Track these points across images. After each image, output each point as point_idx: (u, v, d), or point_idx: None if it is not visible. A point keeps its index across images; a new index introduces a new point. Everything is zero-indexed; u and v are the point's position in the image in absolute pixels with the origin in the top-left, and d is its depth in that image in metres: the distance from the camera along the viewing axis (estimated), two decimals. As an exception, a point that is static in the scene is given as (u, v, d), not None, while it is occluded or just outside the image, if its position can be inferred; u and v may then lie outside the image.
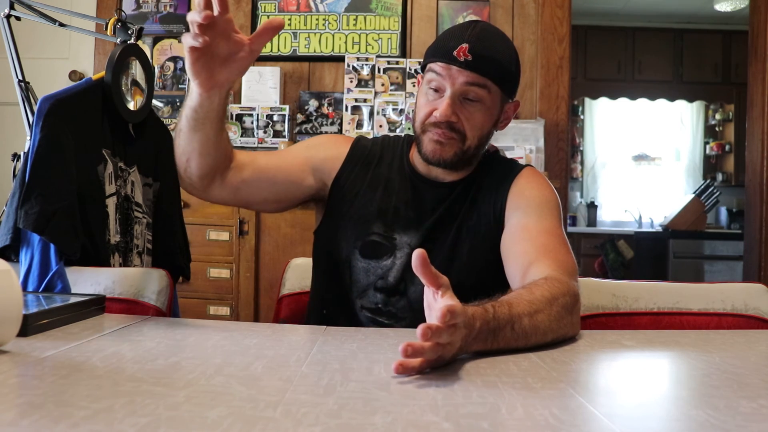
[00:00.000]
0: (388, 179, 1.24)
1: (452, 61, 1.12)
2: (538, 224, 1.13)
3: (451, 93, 1.13)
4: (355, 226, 1.21)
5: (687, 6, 5.47)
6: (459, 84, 1.13)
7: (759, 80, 3.43)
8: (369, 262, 1.19)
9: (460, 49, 1.12)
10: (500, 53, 1.15)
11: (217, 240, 2.78)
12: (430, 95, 1.17)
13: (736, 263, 4.41)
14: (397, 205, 1.22)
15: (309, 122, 3.21)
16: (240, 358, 0.78)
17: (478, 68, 1.12)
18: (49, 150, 1.31)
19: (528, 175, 1.23)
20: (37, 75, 2.16)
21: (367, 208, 1.22)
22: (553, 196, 1.20)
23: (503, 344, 0.84)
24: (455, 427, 0.55)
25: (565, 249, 1.10)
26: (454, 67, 1.13)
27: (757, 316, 1.18)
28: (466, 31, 1.14)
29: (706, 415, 0.59)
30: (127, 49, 1.57)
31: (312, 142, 1.30)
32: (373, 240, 1.20)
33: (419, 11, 3.30)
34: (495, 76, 1.14)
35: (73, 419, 0.53)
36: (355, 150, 1.27)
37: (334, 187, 1.24)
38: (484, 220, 1.19)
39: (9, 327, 0.76)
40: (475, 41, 1.13)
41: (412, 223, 1.20)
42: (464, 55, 1.12)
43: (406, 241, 1.19)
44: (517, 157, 2.92)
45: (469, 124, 1.15)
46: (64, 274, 1.24)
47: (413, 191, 1.22)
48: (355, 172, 1.24)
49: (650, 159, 6.06)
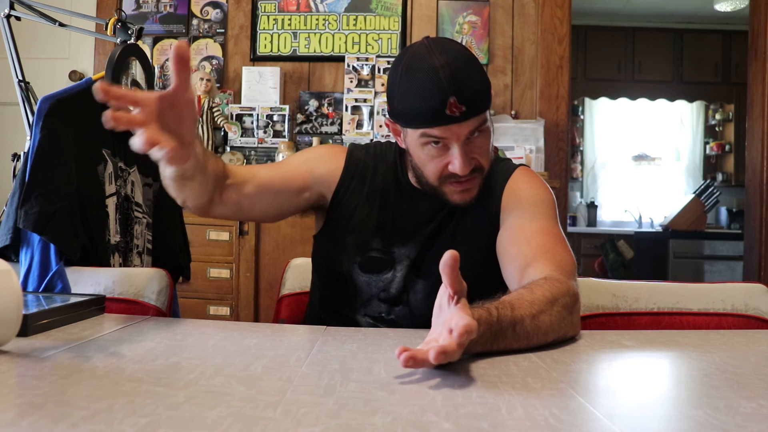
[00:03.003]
0: (384, 191, 1.22)
1: (449, 121, 1.07)
2: (533, 224, 1.12)
3: (461, 147, 1.09)
4: (354, 242, 1.21)
5: (687, 6, 5.47)
6: (464, 135, 1.09)
7: (759, 80, 3.43)
8: (370, 276, 1.20)
9: (450, 105, 1.05)
10: (477, 80, 1.09)
11: (217, 240, 2.78)
12: (432, 151, 1.12)
13: (736, 263, 4.41)
14: (394, 218, 1.21)
15: (309, 122, 3.21)
16: (240, 358, 0.78)
17: (474, 111, 1.07)
18: (49, 150, 1.31)
19: (521, 175, 1.21)
20: (37, 75, 2.16)
21: (365, 223, 1.21)
22: (548, 195, 1.18)
23: (504, 346, 0.84)
24: (455, 427, 0.55)
25: (562, 247, 1.10)
26: (453, 126, 1.07)
27: (757, 316, 1.18)
28: (441, 80, 1.05)
29: (706, 415, 0.59)
30: (127, 49, 1.57)
31: (310, 155, 1.26)
32: (372, 256, 1.20)
33: (419, 11, 3.30)
34: (486, 106, 1.10)
35: (73, 419, 0.53)
36: (350, 163, 1.24)
37: (333, 200, 1.23)
38: (480, 224, 1.19)
39: (9, 327, 0.76)
40: (458, 87, 1.06)
41: (410, 236, 1.20)
42: (457, 109, 1.05)
43: (405, 254, 1.20)
44: (517, 158, 2.91)
45: (482, 157, 1.13)
46: (64, 274, 1.24)
47: (410, 203, 1.21)
48: (352, 186, 1.23)
49: (650, 159, 6.06)
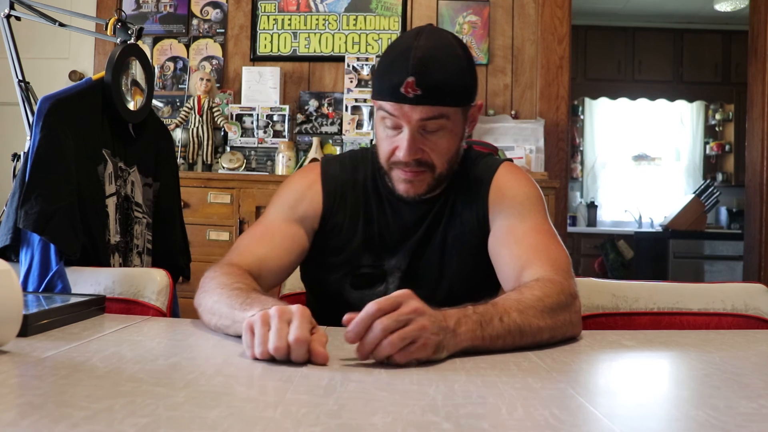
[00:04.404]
0: (366, 204, 1.19)
1: (401, 99, 1.03)
2: (523, 224, 1.10)
3: (410, 132, 1.05)
4: (344, 261, 1.18)
5: (687, 6, 5.46)
6: (415, 121, 1.04)
7: (759, 80, 3.43)
8: (363, 292, 1.17)
9: (406, 84, 1.01)
10: (450, 73, 1.04)
11: (217, 240, 2.78)
12: (387, 130, 1.09)
13: (736, 263, 4.40)
14: (380, 231, 1.18)
15: (309, 122, 3.21)
16: (240, 358, 0.78)
17: (431, 100, 1.02)
18: (49, 150, 1.31)
19: (505, 173, 1.18)
20: (37, 75, 2.16)
21: (352, 242, 1.18)
22: (534, 191, 1.16)
23: (496, 337, 0.84)
24: (455, 427, 0.55)
25: (554, 244, 1.08)
26: (405, 106, 1.03)
27: (757, 316, 1.18)
28: (408, 59, 1.02)
29: (706, 415, 0.59)
30: (127, 49, 1.57)
31: (289, 199, 1.19)
32: (363, 273, 1.18)
33: (419, 11, 3.30)
34: (450, 101, 1.05)
35: (73, 419, 0.53)
36: (327, 182, 1.20)
37: (320, 228, 1.19)
38: (468, 227, 1.17)
39: (9, 327, 0.76)
40: (421, 70, 1.01)
41: (398, 246, 1.17)
42: (412, 90, 1.01)
43: (396, 265, 1.17)
44: (517, 158, 2.91)
45: (435, 154, 1.08)
46: (64, 274, 1.24)
47: (393, 212, 1.18)
48: (335, 207, 1.19)
49: (650, 159, 6.06)
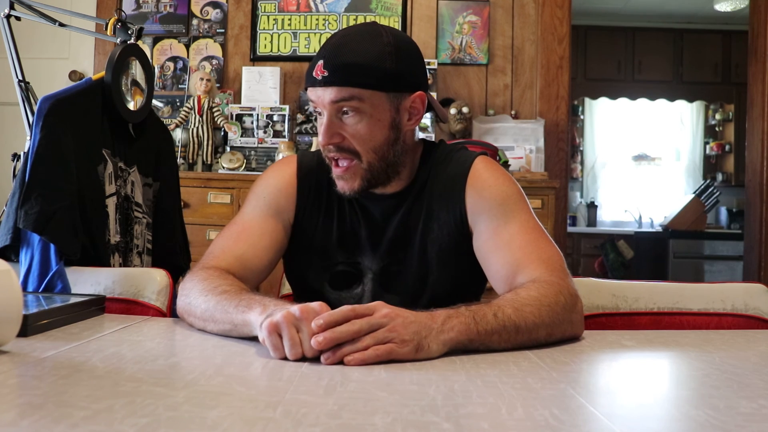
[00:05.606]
0: (339, 200, 1.17)
1: (314, 83, 1.05)
2: (508, 226, 1.07)
3: (327, 115, 1.05)
4: (321, 259, 1.17)
5: (687, 6, 5.47)
6: (328, 104, 1.04)
7: (759, 80, 3.43)
8: (340, 293, 1.16)
9: (317, 68, 1.04)
10: (362, 55, 1.03)
11: (217, 240, 2.77)
12: (318, 121, 1.09)
13: (736, 263, 4.40)
14: (352, 227, 1.16)
15: (309, 122, 3.21)
16: (240, 359, 0.78)
17: (337, 81, 1.03)
18: (49, 150, 1.30)
19: (480, 171, 1.13)
20: (37, 75, 2.16)
21: (328, 238, 1.17)
22: (513, 188, 1.12)
23: (491, 332, 0.84)
24: (455, 427, 0.55)
25: (544, 242, 1.06)
26: (318, 89, 1.05)
27: (757, 316, 1.18)
28: (326, 46, 1.06)
29: (706, 415, 0.59)
30: (127, 49, 1.56)
31: (265, 193, 1.18)
32: (340, 270, 1.16)
33: (419, 11, 3.30)
34: (361, 82, 1.04)
35: (73, 419, 0.53)
36: (302, 177, 1.19)
37: (295, 220, 1.18)
38: (446, 230, 1.13)
39: (9, 327, 0.76)
40: (331, 53, 1.04)
41: (369, 243, 1.15)
42: (321, 72, 1.04)
43: (368, 266, 1.16)
44: (516, 157, 2.91)
45: (356, 140, 1.06)
46: (64, 274, 1.24)
47: (361, 209, 1.16)
48: (309, 201, 1.18)
49: (650, 159, 6.06)
